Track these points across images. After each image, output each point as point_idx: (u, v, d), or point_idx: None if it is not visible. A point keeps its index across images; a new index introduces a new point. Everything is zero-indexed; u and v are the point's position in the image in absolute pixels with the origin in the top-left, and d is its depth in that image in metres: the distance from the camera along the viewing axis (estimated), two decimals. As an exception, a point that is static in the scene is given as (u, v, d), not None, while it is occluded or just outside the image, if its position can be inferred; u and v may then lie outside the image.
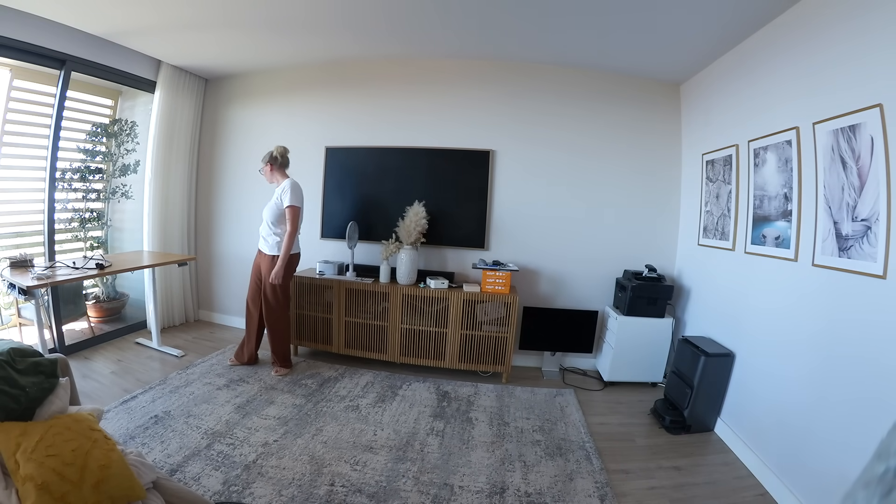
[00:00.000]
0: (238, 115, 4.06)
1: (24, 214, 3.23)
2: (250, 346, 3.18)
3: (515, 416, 2.70)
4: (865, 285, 1.68)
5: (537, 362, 3.57)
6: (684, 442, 2.49)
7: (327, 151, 3.76)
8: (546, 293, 3.57)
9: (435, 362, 3.27)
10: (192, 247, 4.23)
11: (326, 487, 1.92)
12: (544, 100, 3.46)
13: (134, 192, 3.89)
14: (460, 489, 1.96)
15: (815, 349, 1.91)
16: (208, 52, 3.51)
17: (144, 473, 1.33)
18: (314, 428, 2.41)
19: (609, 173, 3.46)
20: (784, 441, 2.04)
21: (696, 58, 2.92)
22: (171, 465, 2.00)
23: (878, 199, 1.64)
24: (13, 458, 1.13)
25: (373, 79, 3.66)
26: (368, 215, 3.65)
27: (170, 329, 3.99)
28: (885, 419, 1.49)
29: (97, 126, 3.62)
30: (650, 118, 3.42)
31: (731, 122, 2.74)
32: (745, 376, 2.42)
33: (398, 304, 3.24)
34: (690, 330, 3.08)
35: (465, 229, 3.56)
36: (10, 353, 1.37)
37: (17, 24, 2.71)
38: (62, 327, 3.24)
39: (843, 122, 1.80)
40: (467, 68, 3.50)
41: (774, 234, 2.26)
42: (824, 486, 1.75)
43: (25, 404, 1.29)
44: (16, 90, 3.05)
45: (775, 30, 2.29)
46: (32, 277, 2.41)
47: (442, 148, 3.55)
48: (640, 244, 3.45)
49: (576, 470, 2.16)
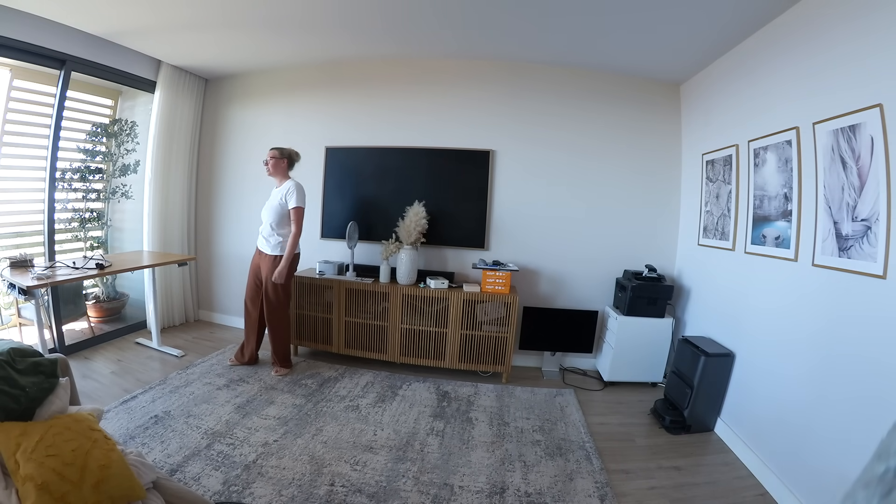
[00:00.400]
0: (238, 115, 4.06)
1: (24, 214, 3.23)
2: (250, 346, 3.18)
3: (515, 416, 2.70)
4: (865, 285, 1.68)
5: (537, 362, 3.57)
6: (684, 442, 2.49)
7: (327, 151, 3.76)
8: (546, 293, 3.57)
9: (435, 362, 3.27)
10: (192, 247, 4.23)
11: (326, 487, 1.92)
12: (544, 100, 3.46)
13: (134, 192, 3.88)
14: (460, 489, 1.96)
15: (814, 348, 1.91)
16: (208, 52, 3.51)
17: (144, 473, 1.33)
18: (314, 428, 2.41)
19: (609, 173, 3.46)
20: (784, 441, 2.04)
21: (696, 58, 2.92)
22: (171, 465, 2.00)
23: (878, 199, 1.64)
24: (13, 458, 1.13)
25: (372, 79, 3.66)
26: (368, 215, 3.65)
27: (170, 329, 3.99)
28: (886, 418, 1.49)
29: (97, 126, 3.62)
30: (650, 118, 3.42)
31: (731, 122, 2.74)
32: (745, 376, 2.42)
33: (398, 304, 3.24)
34: (690, 330, 3.08)
35: (465, 229, 3.56)
36: (10, 353, 1.37)
37: (17, 24, 2.71)
38: (62, 327, 3.24)
39: (843, 122, 1.80)
40: (467, 68, 3.50)
41: (774, 234, 2.26)
42: (824, 486, 1.75)
43: (25, 404, 1.29)
44: (16, 90, 3.05)
45: (775, 30, 2.29)
46: (32, 277, 2.41)
47: (442, 148, 3.55)
48: (641, 244, 3.45)
49: (576, 470, 2.16)
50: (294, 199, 2.90)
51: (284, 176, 3.02)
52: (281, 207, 2.93)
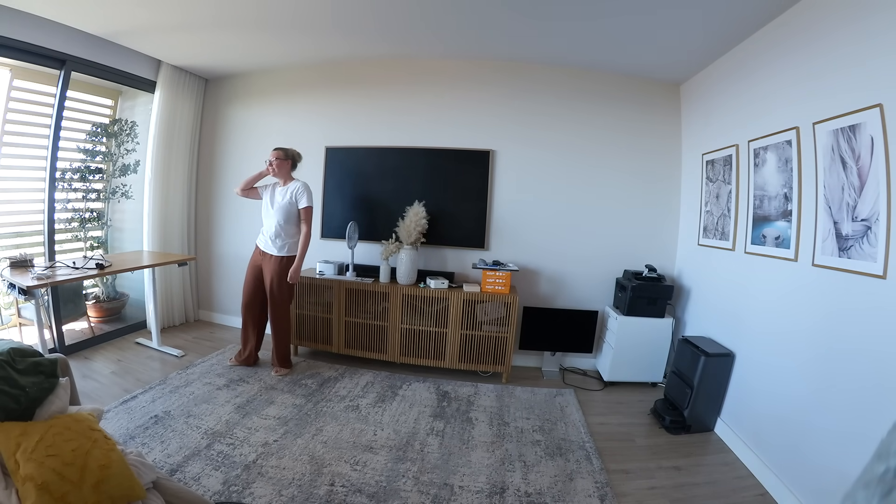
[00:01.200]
0: (238, 115, 4.06)
1: (24, 214, 3.23)
2: (250, 346, 3.18)
3: (515, 416, 2.70)
4: (865, 285, 1.68)
5: (537, 362, 3.57)
6: (684, 442, 2.49)
7: (327, 151, 3.76)
8: (546, 293, 3.57)
9: (435, 362, 3.27)
10: (192, 247, 4.23)
11: (326, 487, 1.92)
12: (544, 100, 3.46)
13: (134, 192, 3.88)
14: (460, 489, 1.96)
15: (814, 348, 1.91)
16: (208, 52, 3.51)
17: (144, 473, 1.33)
18: (314, 428, 2.41)
19: (609, 173, 3.45)
20: (784, 441, 2.03)
21: (696, 58, 2.92)
22: (171, 465, 2.00)
23: (878, 199, 1.64)
24: (13, 458, 1.13)
25: (373, 79, 3.66)
26: (368, 215, 3.65)
27: (170, 329, 3.99)
28: (886, 418, 1.49)
29: (97, 126, 3.62)
30: (650, 118, 3.42)
31: (731, 122, 2.73)
32: (745, 376, 2.42)
33: (398, 304, 3.24)
34: (690, 330, 3.08)
35: (464, 229, 3.56)
36: (10, 353, 1.37)
37: (17, 24, 2.71)
38: (62, 327, 3.24)
39: (843, 122, 1.80)
40: (467, 69, 3.50)
41: (774, 234, 2.26)
42: (824, 486, 1.75)
43: (25, 404, 1.29)
44: (16, 90, 3.05)
45: (776, 29, 2.29)
46: (32, 277, 2.41)
47: (442, 148, 3.55)
48: (640, 244, 3.45)
49: (576, 470, 2.16)
50: (305, 199, 2.94)
51: (288, 176, 3.03)
52: (290, 206, 2.94)
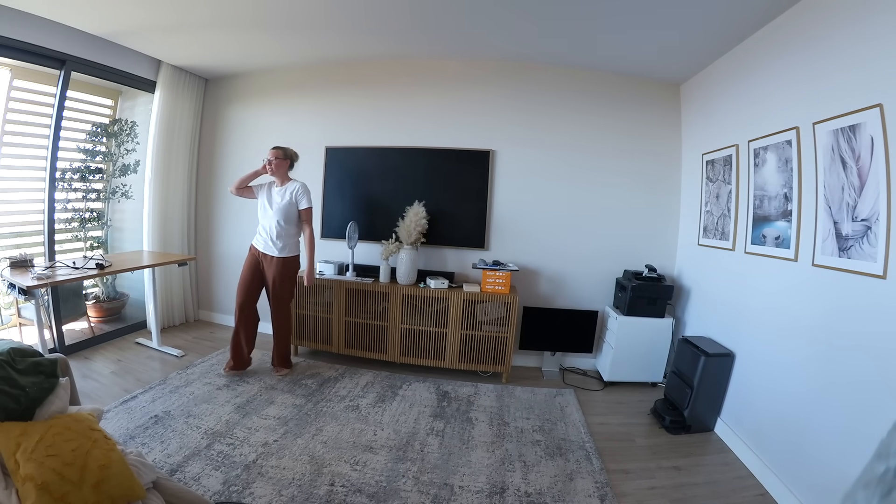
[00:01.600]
0: (238, 114, 4.06)
1: (24, 214, 3.23)
2: (244, 352, 3.05)
3: (515, 416, 2.70)
4: (865, 285, 1.68)
5: (537, 362, 3.57)
6: (684, 442, 2.49)
7: (327, 151, 3.76)
8: (546, 293, 3.57)
9: (435, 362, 3.27)
10: (192, 247, 4.23)
11: (326, 487, 1.92)
12: (544, 100, 3.45)
13: (134, 192, 3.88)
14: (460, 489, 1.96)
15: (814, 345, 1.91)
16: (207, 52, 3.51)
17: (144, 473, 1.33)
18: (314, 428, 2.41)
19: (609, 173, 3.45)
20: (784, 441, 2.03)
21: (696, 58, 2.92)
22: (171, 465, 2.00)
23: (878, 199, 1.64)
24: (13, 458, 1.13)
25: (373, 79, 3.66)
26: (368, 215, 3.65)
27: (170, 329, 3.99)
28: (886, 416, 1.49)
29: (97, 126, 3.62)
30: (650, 118, 3.41)
31: (731, 122, 2.73)
32: (745, 376, 2.42)
33: (398, 304, 3.24)
34: (690, 330, 3.08)
35: (464, 229, 3.56)
36: (10, 353, 1.37)
37: (17, 24, 2.71)
38: (62, 327, 3.24)
39: (843, 122, 1.80)
40: (468, 69, 3.50)
41: (774, 234, 2.26)
42: (824, 486, 1.75)
43: (25, 404, 1.29)
44: (16, 90, 3.05)
45: (776, 30, 2.29)
46: (32, 277, 2.41)
47: (442, 148, 3.55)
48: (641, 244, 3.45)
49: (576, 470, 2.16)
50: (305, 199, 2.94)
51: (285, 176, 3.02)
52: (290, 207, 2.93)
